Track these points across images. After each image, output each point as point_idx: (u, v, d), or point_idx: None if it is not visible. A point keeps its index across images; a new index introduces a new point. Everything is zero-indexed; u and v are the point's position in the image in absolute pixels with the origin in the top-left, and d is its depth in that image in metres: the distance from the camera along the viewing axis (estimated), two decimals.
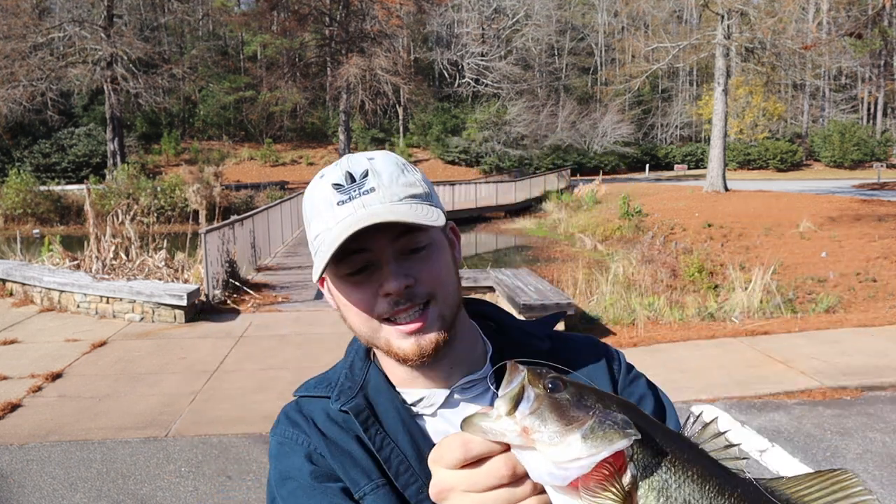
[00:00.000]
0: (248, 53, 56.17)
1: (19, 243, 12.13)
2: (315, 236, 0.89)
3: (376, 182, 0.88)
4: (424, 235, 0.89)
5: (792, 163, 49.37)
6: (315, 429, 0.92)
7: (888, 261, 12.41)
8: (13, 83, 31.34)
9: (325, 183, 0.90)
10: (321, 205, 0.89)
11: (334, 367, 1.03)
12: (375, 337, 0.90)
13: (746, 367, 6.42)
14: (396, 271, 0.86)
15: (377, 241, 0.86)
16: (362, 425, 0.90)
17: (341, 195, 0.87)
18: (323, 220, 0.88)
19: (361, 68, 32.82)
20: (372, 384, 0.95)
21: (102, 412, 5.44)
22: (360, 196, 0.87)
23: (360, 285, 0.88)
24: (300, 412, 0.96)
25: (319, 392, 0.97)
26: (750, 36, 27.32)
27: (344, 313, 0.94)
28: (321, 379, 1.01)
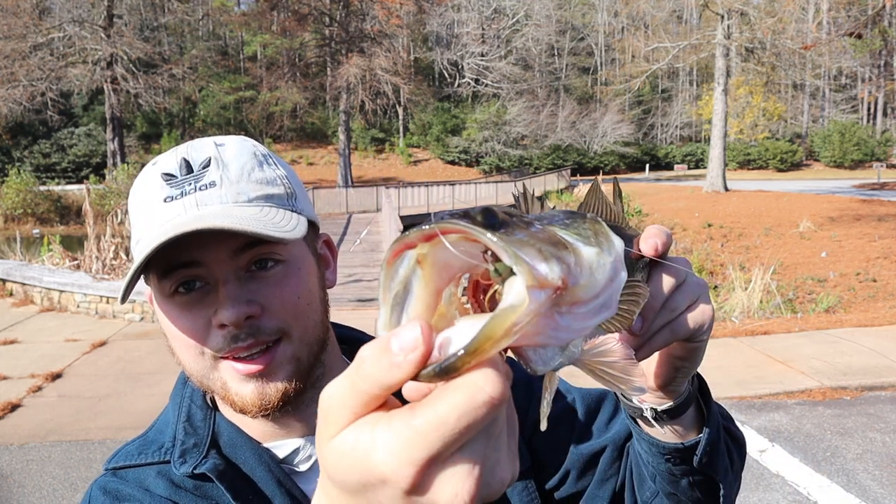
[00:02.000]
0: (248, 53, 56.23)
1: (19, 243, 12.13)
2: (136, 242, 0.69)
3: (219, 175, 0.68)
4: (280, 248, 0.69)
5: (792, 163, 49.40)
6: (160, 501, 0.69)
7: (888, 261, 12.41)
8: (13, 83, 31.34)
9: (154, 172, 0.69)
10: (145, 200, 0.69)
11: (154, 426, 0.78)
12: (209, 377, 0.69)
13: (746, 367, 6.42)
14: (235, 296, 0.66)
15: (213, 254, 0.66)
16: (230, 491, 0.68)
17: (171, 189, 0.67)
18: (144, 221, 0.68)
19: (361, 68, 32.84)
20: (224, 438, 0.73)
21: (102, 412, 5.45)
22: (195, 192, 0.67)
23: (189, 309, 0.68)
24: (126, 482, 0.71)
25: (149, 458, 0.72)
26: (750, 36, 27.33)
27: (171, 343, 0.72)
28: (142, 443, 0.75)
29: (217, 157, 0.69)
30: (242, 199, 0.68)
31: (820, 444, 4.72)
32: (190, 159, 0.69)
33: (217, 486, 0.69)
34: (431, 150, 52.52)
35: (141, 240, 0.68)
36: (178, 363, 0.72)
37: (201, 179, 0.67)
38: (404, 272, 0.36)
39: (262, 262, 0.68)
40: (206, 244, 0.65)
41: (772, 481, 4.22)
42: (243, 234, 0.63)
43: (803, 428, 5.02)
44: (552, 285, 0.34)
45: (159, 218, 0.67)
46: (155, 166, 0.70)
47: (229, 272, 0.67)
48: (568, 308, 0.36)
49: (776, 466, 4.40)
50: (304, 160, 49.88)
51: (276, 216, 0.67)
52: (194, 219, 0.64)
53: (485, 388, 0.30)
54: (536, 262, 0.34)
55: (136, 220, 0.70)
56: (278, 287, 0.68)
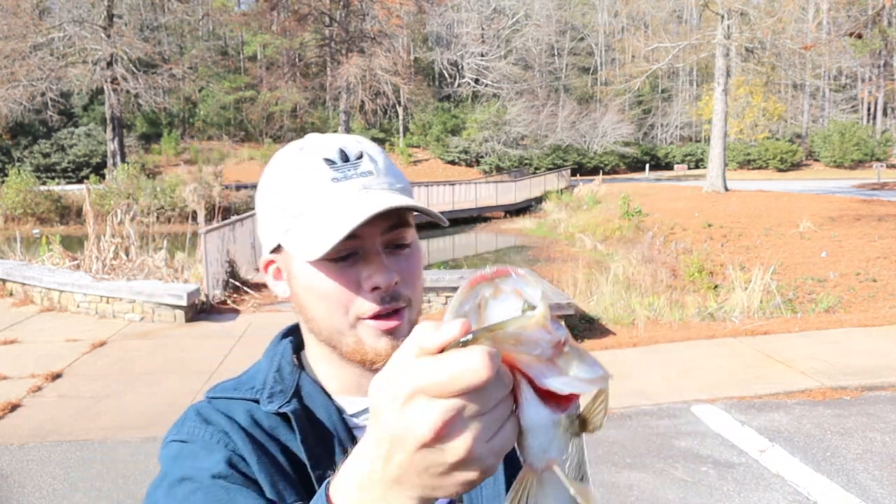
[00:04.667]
0: (248, 53, 56.22)
1: (19, 243, 12.12)
2: (296, 212, 0.79)
3: (372, 167, 0.81)
4: (409, 233, 0.83)
5: (792, 163, 49.39)
6: (238, 428, 0.79)
7: (888, 261, 12.41)
8: (13, 83, 31.33)
9: (310, 156, 0.81)
10: (309, 177, 0.79)
11: (249, 372, 0.90)
12: (344, 333, 0.81)
13: (746, 367, 6.42)
14: (387, 265, 0.79)
15: (370, 229, 0.78)
16: (302, 433, 0.79)
17: (336, 172, 0.79)
18: (313, 195, 0.79)
19: (361, 68, 32.83)
20: (305, 391, 0.84)
21: (102, 412, 5.44)
22: (357, 177, 0.80)
23: (342, 272, 0.79)
24: (216, 410, 0.82)
25: (242, 394, 0.84)
26: (750, 36, 27.32)
27: (307, 302, 0.83)
28: (238, 382, 0.87)
29: (365, 151, 0.83)
30: (395, 187, 0.83)
31: (820, 444, 4.72)
32: (346, 150, 0.82)
33: (287, 431, 0.80)
34: (431, 150, 52.50)
35: (310, 208, 0.78)
36: (308, 320, 0.85)
37: (359, 167, 0.81)
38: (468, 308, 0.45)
39: (400, 244, 0.82)
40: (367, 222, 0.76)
41: (772, 481, 4.22)
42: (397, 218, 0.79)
43: (803, 428, 5.02)
44: (555, 337, 0.43)
45: (332, 196, 0.78)
46: (304, 151, 0.82)
47: (380, 247, 0.80)
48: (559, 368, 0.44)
49: (776, 466, 4.40)
50: None
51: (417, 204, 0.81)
52: (381, 200, 0.77)
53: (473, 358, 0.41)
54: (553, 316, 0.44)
55: (297, 197, 0.80)
56: (409, 264, 0.82)
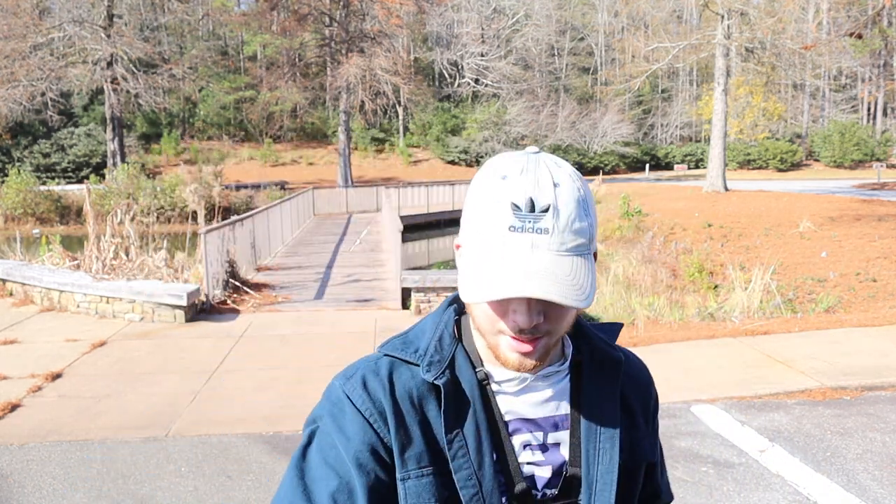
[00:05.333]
0: (248, 53, 56.25)
1: (19, 243, 12.13)
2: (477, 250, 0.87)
3: (552, 223, 0.84)
4: None
5: (792, 163, 49.40)
6: (390, 399, 0.92)
7: (888, 261, 12.41)
8: (13, 83, 31.34)
9: (504, 193, 0.85)
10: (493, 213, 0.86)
11: (414, 331, 1.01)
12: (488, 335, 0.91)
13: (746, 367, 6.42)
14: (531, 309, 0.86)
15: None
16: (447, 405, 0.91)
17: (516, 220, 0.84)
18: (489, 235, 0.86)
19: (361, 68, 32.82)
20: (458, 363, 0.96)
21: (102, 412, 5.45)
22: (532, 232, 0.84)
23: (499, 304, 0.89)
24: (378, 375, 0.95)
25: (407, 356, 0.96)
26: (750, 36, 27.32)
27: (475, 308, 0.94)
28: (405, 340, 0.99)
29: (554, 204, 0.85)
30: (563, 248, 0.85)
31: (820, 444, 4.72)
32: (536, 200, 0.84)
33: (434, 399, 0.92)
34: (431, 150, 52.51)
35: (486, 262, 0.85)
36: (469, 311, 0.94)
37: (538, 221, 0.84)
38: None
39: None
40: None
41: (772, 481, 4.22)
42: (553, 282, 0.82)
43: (803, 428, 5.02)
44: None
45: (503, 244, 0.84)
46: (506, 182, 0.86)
47: None
48: None
49: (776, 466, 4.40)
50: (304, 160, 49.87)
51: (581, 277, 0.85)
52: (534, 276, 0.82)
53: None
54: None
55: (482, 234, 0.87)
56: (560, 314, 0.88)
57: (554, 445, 0.96)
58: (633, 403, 1.04)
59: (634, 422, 1.04)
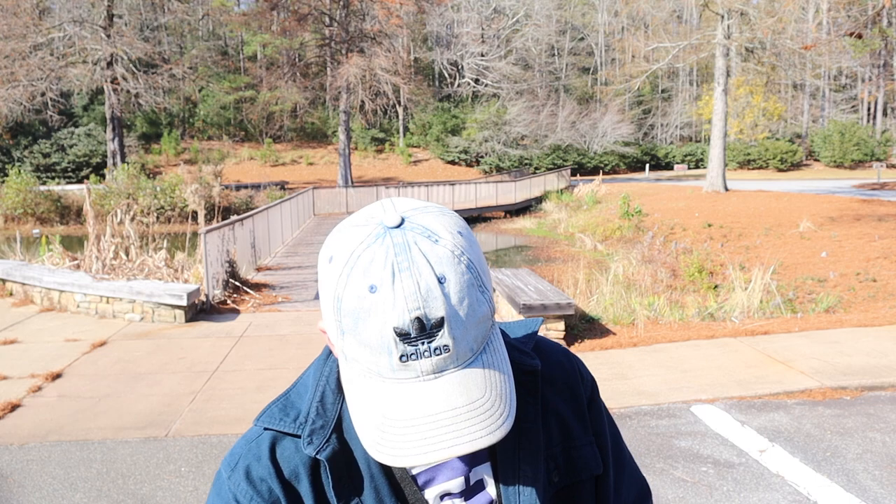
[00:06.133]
0: (248, 53, 56.22)
1: (19, 243, 12.12)
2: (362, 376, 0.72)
3: (451, 337, 0.68)
4: None
5: (792, 163, 49.39)
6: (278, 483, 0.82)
7: (888, 261, 12.41)
8: (13, 83, 31.33)
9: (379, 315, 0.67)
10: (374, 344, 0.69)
11: (299, 386, 0.89)
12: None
13: (746, 367, 6.42)
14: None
15: None
16: (335, 479, 0.80)
17: (407, 347, 0.68)
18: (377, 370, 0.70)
19: (361, 68, 32.82)
20: (346, 423, 0.83)
21: (102, 412, 5.45)
22: (431, 356, 0.68)
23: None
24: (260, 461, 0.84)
25: (286, 427, 0.84)
26: (750, 36, 27.32)
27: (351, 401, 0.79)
28: (285, 403, 0.87)
29: (449, 314, 0.68)
30: (469, 357, 0.71)
31: (820, 444, 4.72)
32: (424, 318, 0.67)
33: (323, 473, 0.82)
34: (431, 150, 52.49)
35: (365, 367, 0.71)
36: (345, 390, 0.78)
37: (434, 340, 0.68)
38: None
39: None
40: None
41: (772, 481, 4.22)
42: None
43: (803, 428, 5.02)
44: None
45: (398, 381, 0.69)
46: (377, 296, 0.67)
47: None
48: None
49: (776, 466, 4.40)
50: (304, 160, 49.86)
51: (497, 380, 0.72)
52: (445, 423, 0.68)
53: None
54: None
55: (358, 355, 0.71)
56: None
57: (478, 485, 0.85)
58: (561, 409, 0.90)
59: (568, 432, 0.90)
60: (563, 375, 0.93)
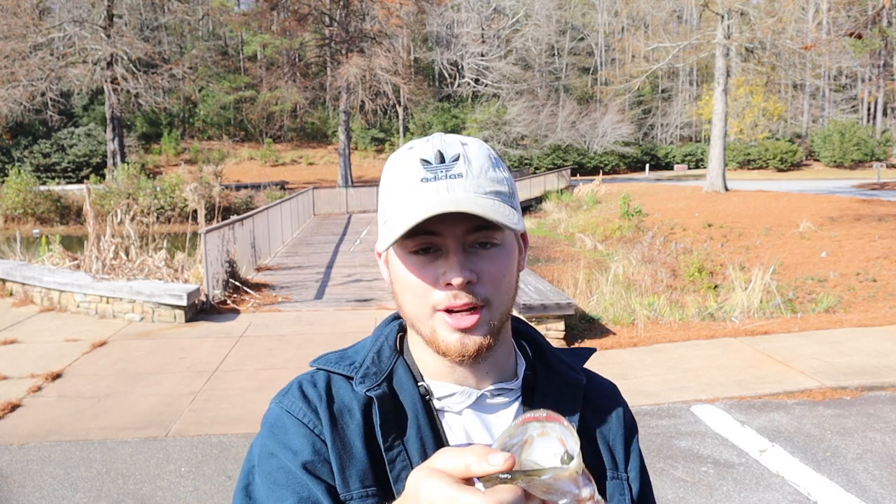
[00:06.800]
0: (248, 53, 56.21)
1: (19, 243, 12.12)
2: (390, 207, 0.85)
3: (465, 169, 0.83)
4: (499, 234, 0.85)
5: (792, 163, 49.37)
6: (327, 412, 0.86)
7: (888, 261, 12.41)
8: (13, 83, 31.32)
9: (413, 156, 0.85)
10: (404, 177, 0.84)
11: (355, 347, 0.96)
12: (423, 322, 0.86)
13: (746, 367, 6.42)
14: (463, 264, 0.82)
15: (451, 228, 0.83)
16: (382, 417, 0.85)
17: (427, 172, 0.83)
18: (403, 194, 0.84)
19: (361, 68, 32.81)
20: (397, 377, 0.90)
21: (102, 412, 5.44)
22: (446, 178, 0.82)
23: (423, 266, 0.84)
24: (316, 387, 0.89)
25: (341, 369, 0.90)
26: (750, 36, 27.32)
27: (397, 289, 0.88)
28: (342, 355, 0.94)
29: (464, 153, 0.84)
30: (480, 191, 0.83)
31: (820, 444, 4.72)
32: (444, 151, 0.84)
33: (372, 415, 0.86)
34: None
35: (398, 207, 0.83)
36: (399, 306, 0.89)
37: (451, 169, 0.83)
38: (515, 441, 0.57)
39: (484, 243, 0.84)
40: (449, 221, 0.81)
41: (772, 481, 4.22)
42: (482, 218, 0.81)
43: (803, 428, 5.02)
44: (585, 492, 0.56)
45: (417, 195, 0.82)
46: (412, 150, 0.86)
47: (460, 245, 0.83)
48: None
49: (776, 466, 4.40)
50: (304, 160, 49.86)
51: (505, 210, 0.83)
52: (448, 201, 0.80)
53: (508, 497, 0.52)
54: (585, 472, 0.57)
55: (393, 191, 0.86)
56: (493, 264, 0.85)
57: None
58: (598, 435, 0.95)
59: (600, 459, 0.93)
60: (606, 404, 0.98)
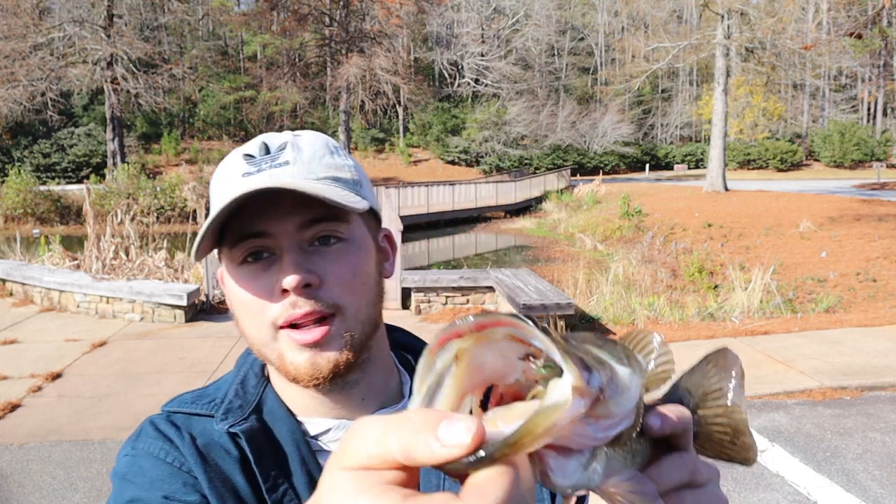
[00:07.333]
0: (248, 53, 56.19)
1: (19, 243, 12.12)
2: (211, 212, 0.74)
3: (294, 156, 0.73)
4: (344, 227, 0.74)
5: (792, 163, 49.38)
6: (193, 447, 0.72)
7: (888, 261, 12.41)
8: (13, 83, 31.33)
9: (236, 153, 0.76)
10: (225, 175, 0.75)
11: (216, 383, 0.83)
12: (268, 346, 0.73)
13: (746, 367, 6.36)
14: (297, 263, 0.70)
15: (281, 226, 0.71)
16: (255, 453, 0.72)
17: (250, 166, 0.73)
18: (221, 194, 0.73)
19: (361, 68, 32.83)
20: (268, 407, 0.77)
21: (102, 412, 5.44)
22: (270, 168, 0.72)
23: (255, 277, 0.72)
24: (175, 425, 0.75)
25: (199, 409, 0.77)
26: (750, 36, 27.33)
27: (234, 311, 0.76)
28: (199, 394, 0.80)
29: (293, 142, 0.75)
30: (312, 176, 0.73)
31: (820, 444, 4.72)
32: (268, 142, 0.75)
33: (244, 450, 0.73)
34: (431, 150, 52.49)
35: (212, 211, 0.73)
36: (242, 333, 0.77)
37: (277, 159, 0.73)
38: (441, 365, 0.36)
39: (325, 238, 0.73)
40: (275, 217, 0.71)
41: (772, 481, 4.22)
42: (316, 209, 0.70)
43: (803, 428, 5.02)
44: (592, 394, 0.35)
45: (236, 190, 0.71)
46: (238, 149, 0.77)
47: (294, 243, 0.72)
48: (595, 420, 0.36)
49: (776, 466, 4.40)
50: None
51: (342, 192, 0.73)
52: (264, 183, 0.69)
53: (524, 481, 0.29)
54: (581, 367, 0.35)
55: (214, 195, 0.76)
56: (337, 262, 0.73)
57: None
58: None
59: None
60: None
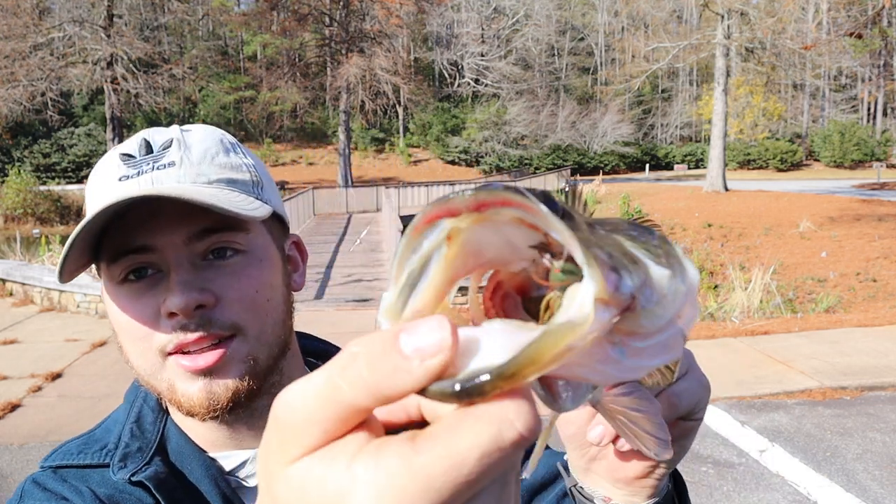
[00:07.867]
0: (248, 53, 56.23)
1: (19, 243, 12.13)
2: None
3: (180, 156, 0.63)
4: (241, 237, 0.64)
5: (792, 163, 49.39)
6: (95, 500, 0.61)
7: (888, 261, 12.41)
8: (13, 83, 31.33)
9: (113, 152, 0.66)
10: (100, 179, 0.65)
11: (104, 424, 0.71)
12: (155, 376, 0.62)
13: (746, 367, 6.42)
14: (186, 282, 0.60)
15: (167, 238, 0.61)
16: (169, 501, 0.61)
17: (128, 168, 0.63)
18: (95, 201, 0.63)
19: (361, 68, 32.83)
20: (172, 445, 0.67)
21: (102, 412, 5.43)
22: (151, 171, 0.62)
23: (137, 297, 0.61)
24: (65, 481, 0.63)
25: (89, 459, 0.65)
26: (750, 36, 27.34)
27: (119, 337, 0.65)
28: (86, 441, 0.68)
29: (180, 139, 0.65)
30: (202, 180, 0.63)
31: (820, 444, 4.72)
32: (151, 140, 0.65)
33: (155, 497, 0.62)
34: (431, 150, 52.52)
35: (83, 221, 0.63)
36: (126, 361, 0.65)
37: (160, 160, 0.63)
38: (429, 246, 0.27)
39: (221, 250, 0.63)
40: (159, 228, 0.60)
41: (772, 481, 4.22)
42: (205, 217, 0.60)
43: (803, 428, 5.02)
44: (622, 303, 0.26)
45: (109, 197, 0.59)
46: (116, 149, 0.67)
47: (183, 258, 0.61)
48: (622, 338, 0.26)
49: (776, 466, 4.40)
50: (304, 160, 49.89)
51: (238, 198, 0.63)
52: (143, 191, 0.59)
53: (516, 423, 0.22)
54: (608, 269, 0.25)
55: (89, 202, 0.65)
56: (235, 277, 0.62)
57: None
58: None
59: None
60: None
